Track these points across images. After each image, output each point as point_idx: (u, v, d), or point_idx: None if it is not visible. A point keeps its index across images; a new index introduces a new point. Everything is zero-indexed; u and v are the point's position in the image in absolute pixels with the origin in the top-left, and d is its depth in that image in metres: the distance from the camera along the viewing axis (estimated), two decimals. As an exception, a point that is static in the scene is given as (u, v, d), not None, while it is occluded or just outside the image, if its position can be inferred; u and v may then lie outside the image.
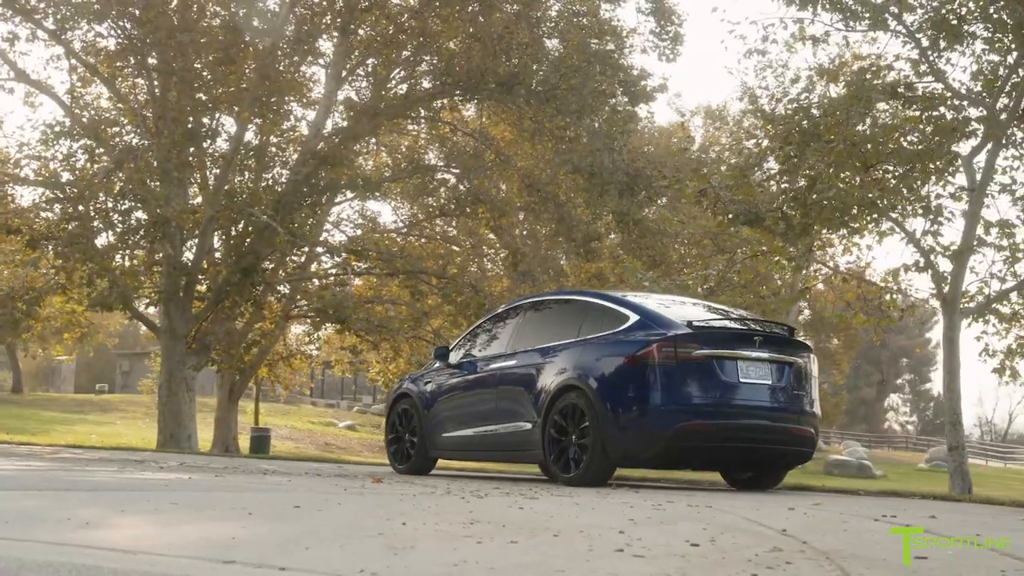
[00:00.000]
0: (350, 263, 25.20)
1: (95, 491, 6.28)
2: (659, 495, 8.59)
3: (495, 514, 5.56)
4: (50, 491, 6.10)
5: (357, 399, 60.97)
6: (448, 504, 6.19)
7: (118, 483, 7.21)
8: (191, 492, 6.53)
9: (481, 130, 27.29)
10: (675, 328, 10.11)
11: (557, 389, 10.61)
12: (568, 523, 5.20)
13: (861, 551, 4.44)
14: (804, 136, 14.14)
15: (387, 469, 14.40)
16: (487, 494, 7.43)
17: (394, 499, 6.52)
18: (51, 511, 4.91)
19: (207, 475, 9.10)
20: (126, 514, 4.86)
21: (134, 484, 7.16)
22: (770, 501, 8.10)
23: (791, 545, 4.47)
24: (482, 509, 5.90)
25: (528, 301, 12.48)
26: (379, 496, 6.85)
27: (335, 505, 5.84)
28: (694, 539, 4.60)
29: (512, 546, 4.19)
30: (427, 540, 4.24)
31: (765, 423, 10.27)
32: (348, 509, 5.61)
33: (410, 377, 13.59)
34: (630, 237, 23.57)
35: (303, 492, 7.02)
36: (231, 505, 5.54)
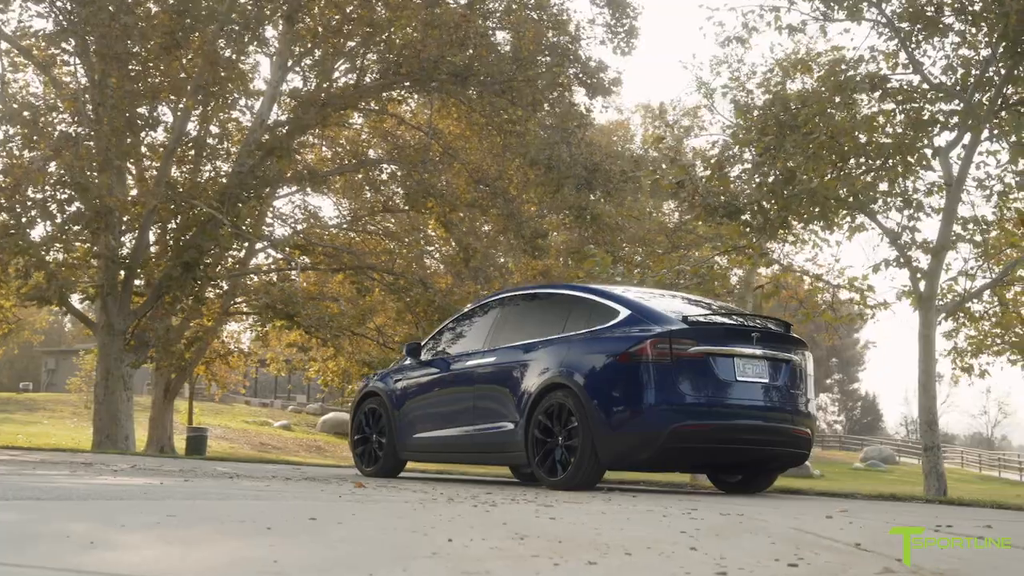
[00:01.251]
0: (295, 257, 24.45)
1: (73, 500, 5.61)
2: (660, 500, 8.08)
3: (533, 526, 5.00)
4: (20, 500, 5.43)
5: (291, 398, 59.94)
6: (471, 514, 5.61)
7: (90, 490, 6.52)
8: (178, 501, 5.88)
9: (429, 123, 26.65)
10: (669, 324, 9.61)
11: (542, 388, 10.07)
12: (623, 537, 4.64)
13: (978, 572, 3.94)
14: (781, 127, 13.72)
15: (348, 471, 13.76)
16: (496, 502, 6.84)
17: (405, 508, 5.93)
18: (38, 526, 4.26)
19: (173, 480, 8.43)
20: (128, 529, 4.23)
21: (109, 491, 6.48)
22: (792, 507, 7.62)
23: (897, 567, 3.96)
24: (514, 520, 5.33)
25: (506, 295, 11.89)
26: (385, 504, 6.25)
27: (350, 516, 5.24)
28: (778, 556, 4.08)
29: (595, 569, 3.63)
30: (494, 562, 3.67)
31: (762, 423, 9.81)
32: (371, 522, 5.01)
33: (378, 375, 12.95)
34: (586, 233, 23.03)
35: (294, 500, 6.40)
36: (236, 517, 4.91)
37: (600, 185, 21.91)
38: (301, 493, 7.29)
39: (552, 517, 5.58)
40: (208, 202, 20.92)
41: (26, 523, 4.40)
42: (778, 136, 13.57)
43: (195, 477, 9.16)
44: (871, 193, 13.59)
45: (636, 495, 9.04)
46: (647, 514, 6.14)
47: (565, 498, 7.71)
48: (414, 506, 6.13)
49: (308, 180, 24.39)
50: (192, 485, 7.73)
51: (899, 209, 14.17)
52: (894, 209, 14.27)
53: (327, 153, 30.64)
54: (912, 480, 51.21)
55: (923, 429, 14.50)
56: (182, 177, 24.86)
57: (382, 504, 6.29)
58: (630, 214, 24.83)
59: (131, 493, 6.44)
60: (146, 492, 6.50)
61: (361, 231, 31.33)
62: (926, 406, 14.34)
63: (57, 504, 5.32)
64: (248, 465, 15.05)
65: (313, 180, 24.27)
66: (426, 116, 28.12)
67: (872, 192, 13.60)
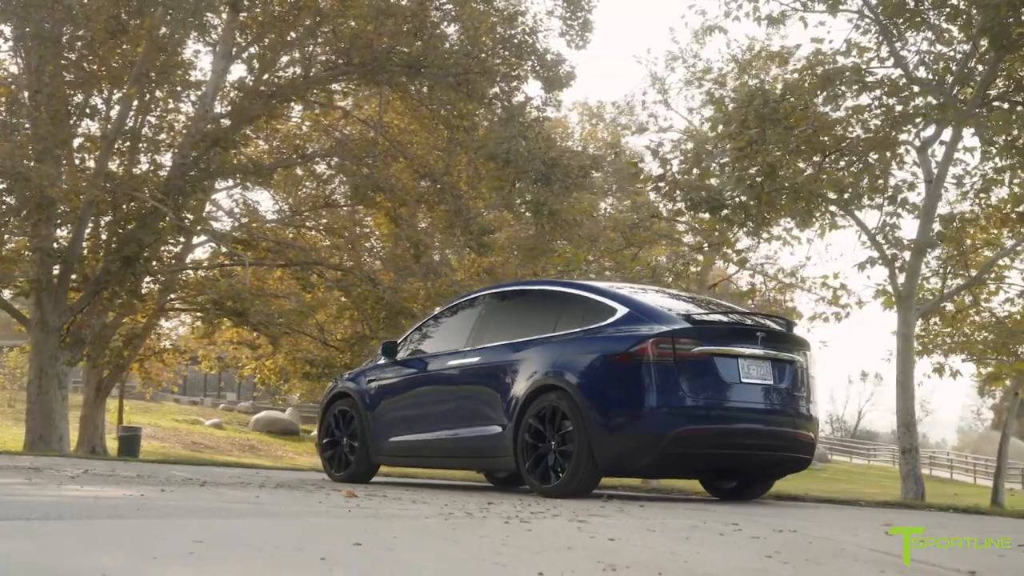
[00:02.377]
0: (238, 252, 23.64)
1: (68, 520, 4.97)
2: (680, 510, 7.60)
3: (605, 551, 4.48)
4: (7, 521, 4.78)
5: (221, 396, 58.74)
6: (519, 535, 5.06)
7: (73, 505, 5.85)
8: (187, 520, 5.27)
9: (378, 116, 25.97)
10: (671, 322, 9.13)
11: (533, 389, 9.53)
12: (716, 565, 4.14)
13: None
14: (762, 120, 13.32)
15: (313, 476, 13.12)
16: (521, 516, 6.30)
17: (441, 528, 5.36)
18: (62, 560, 3.66)
19: (149, 489, 7.76)
20: (165, 563, 3.64)
21: (98, 508, 5.83)
22: (831, 518, 7.18)
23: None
24: (571, 541, 4.81)
25: (489, 292, 11.33)
26: (411, 522, 5.68)
27: (392, 540, 4.68)
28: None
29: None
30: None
31: (766, 428, 9.37)
32: (430, 551, 4.44)
33: (349, 375, 12.32)
34: (543, 229, 22.51)
35: (309, 518, 5.82)
36: (272, 542, 4.33)
37: (558, 180, 21.42)
38: (303, 506, 6.70)
39: (610, 538, 5.05)
40: (152, 194, 20.08)
41: (41, 555, 3.78)
42: (760, 130, 13.16)
43: (169, 486, 8.49)
44: (858, 189, 13.22)
45: (643, 504, 8.54)
46: (699, 531, 5.64)
47: (587, 509, 7.18)
48: (444, 524, 5.57)
49: (252, 173, 23.57)
50: (178, 497, 7.10)
51: (879, 207, 13.84)
52: (875, 208, 13.93)
53: (264, 147, 29.80)
54: (848, 479, 51.51)
55: (901, 431, 14.20)
56: (118, 169, 23.95)
57: (406, 521, 5.72)
58: (588, 210, 24.37)
59: (122, 509, 5.79)
60: (139, 507, 5.86)
61: (300, 226, 30.56)
62: (904, 407, 14.04)
63: (56, 526, 4.68)
64: (202, 469, 14.33)
65: (258, 173, 23.47)
66: (372, 109, 27.43)
67: (859, 188, 13.24)
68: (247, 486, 9.21)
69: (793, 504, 9.93)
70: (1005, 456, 23.17)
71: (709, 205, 12.98)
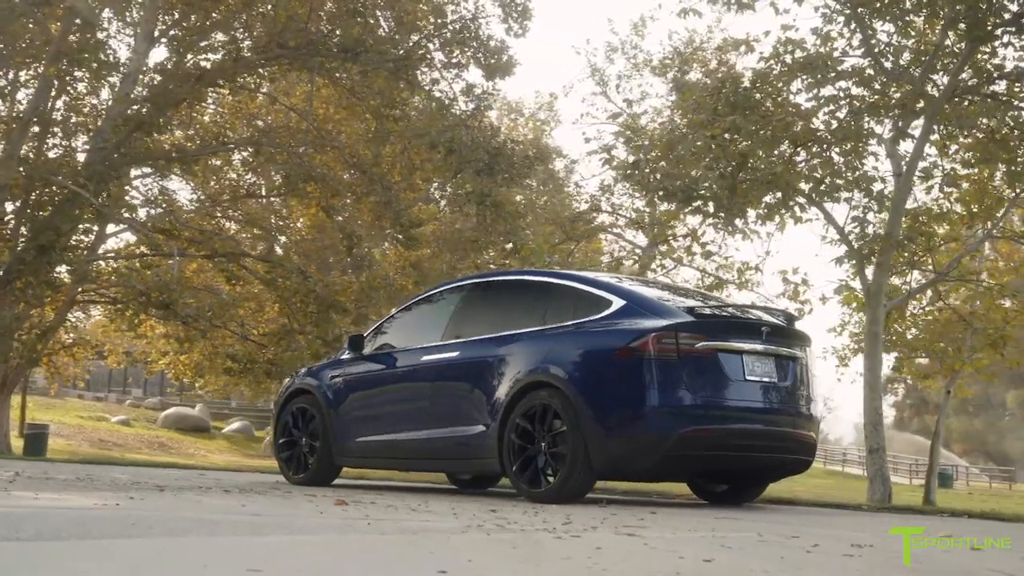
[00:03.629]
0: (159, 242, 22.55)
1: (75, 540, 4.21)
2: (689, 518, 7.03)
3: (670, 568, 3.88)
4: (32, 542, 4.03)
5: (127, 392, 57.00)
6: (601, 557, 4.43)
7: (63, 520, 5.08)
8: (207, 539, 4.54)
9: (304, 104, 25.04)
10: (673, 315, 8.56)
11: (521, 386, 8.88)
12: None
13: None
14: (733, 108, 12.83)
15: (265, 478, 12.33)
16: (579, 531, 5.66)
17: (501, 547, 4.71)
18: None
19: (108, 496, 6.97)
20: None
21: (91, 522, 5.05)
22: (866, 525, 6.66)
23: None
24: (680, 567, 4.19)
25: (467, 282, 10.61)
26: (457, 538, 5.00)
27: (466, 563, 4.02)
28: None
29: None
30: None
31: (770, 428, 8.85)
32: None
33: (309, 370, 11.54)
34: (484, 220, 21.80)
35: (332, 533, 5.12)
36: (342, 567, 3.64)
37: (503, 170, 20.77)
38: (308, 519, 5.99)
39: (706, 559, 4.44)
40: (74, 178, 18.99)
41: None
42: (734, 119, 12.65)
43: (129, 492, 7.69)
44: (836, 180, 12.79)
45: (655, 511, 7.95)
46: (773, 545, 5.05)
47: (612, 518, 6.57)
48: (490, 540, 4.92)
49: (176, 160, 22.53)
50: (156, 507, 6.33)
51: (847, 201, 13.43)
52: (846, 202, 13.52)
53: (181, 135, 28.64)
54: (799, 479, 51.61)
55: (868, 430, 13.83)
56: (30, 153, 22.75)
57: (450, 538, 5.05)
58: (532, 201, 23.76)
59: (117, 525, 5.02)
60: (133, 523, 5.09)
61: (221, 217, 29.46)
62: (872, 406, 13.66)
63: (66, 549, 3.94)
64: (140, 471, 13.44)
65: (182, 160, 22.43)
66: (299, 97, 26.49)
67: (836, 179, 12.79)
68: (209, 491, 8.45)
69: (803, 510, 9.47)
70: (937, 454, 23.06)
71: (684, 195, 12.45)
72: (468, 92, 21.71)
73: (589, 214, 20.31)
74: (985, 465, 75.24)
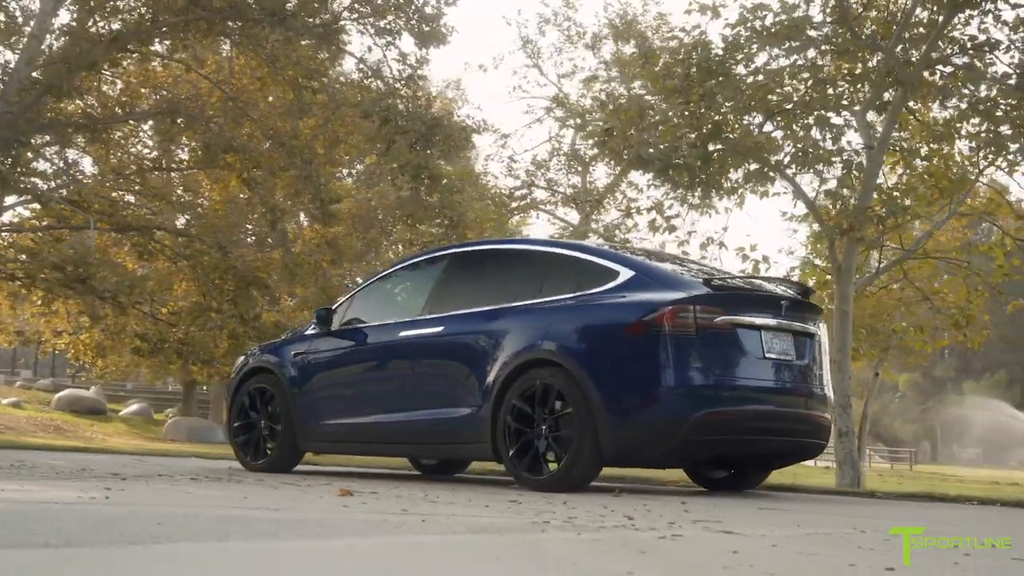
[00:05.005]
0: (66, 213, 21.22)
1: (130, 546, 3.39)
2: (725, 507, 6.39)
3: None
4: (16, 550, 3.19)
5: (15, 373, 54.69)
6: (732, 558, 3.72)
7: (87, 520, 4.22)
8: (250, 544, 3.74)
9: (220, 72, 23.84)
10: (689, 287, 7.88)
11: (518, 365, 8.12)
12: None
13: None
14: (708, 74, 12.20)
15: (219, 464, 11.37)
16: (664, 530, 4.96)
17: (609, 550, 3.98)
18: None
19: (90, 486, 6.08)
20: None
21: (121, 519, 4.20)
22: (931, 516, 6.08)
23: None
24: (805, 567, 3.51)
25: (450, 252, 9.77)
26: (546, 540, 4.26)
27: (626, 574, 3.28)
28: None
29: None
30: None
31: (789, 411, 8.25)
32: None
33: (267, 347, 10.63)
34: (418, 194, 20.87)
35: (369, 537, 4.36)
36: None
37: (440, 143, 19.89)
38: (327, 513, 5.21)
39: (857, 564, 3.77)
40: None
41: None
42: (711, 86, 12.00)
43: (98, 480, 6.78)
44: (818, 151, 12.22)
45: (684, 501, 7.28)
46: (842, 541, 4.40)
47: (676, 513, 5.87)
48: (597, 540, 4.19)
49: (86, 128, 21.20)
50: (158, 501, 5.48)
51: (818, 173, 12.90)
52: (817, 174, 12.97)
53: (85, 103, 27.14)
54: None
55: (837, 412, 13.34)
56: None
57: (537, 538, 4.30)
58: (470, 175, 22.92)
59: (137, 525, 4.18)
60: (159, 522, 4.25)
61: (126, 191, 28.05)
62: (841, 387, 13.18)
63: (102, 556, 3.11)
64: (71, 456, 12.39)
65: (93, 129, 21.11)
66: (212, 66, 25.26)
67: (816, 150, 12.22)
68: (177, 480, 7.59)
69: (819, 498, 8.88)
70: (865, 436, 22.90)
71: (662, 164, 11.78)
72: (403, 60, 20.75)
73: (526, 188, 19.58)
74: (874, 446, 76.48)
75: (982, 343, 15.86)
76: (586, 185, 25.19)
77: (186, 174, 29.83)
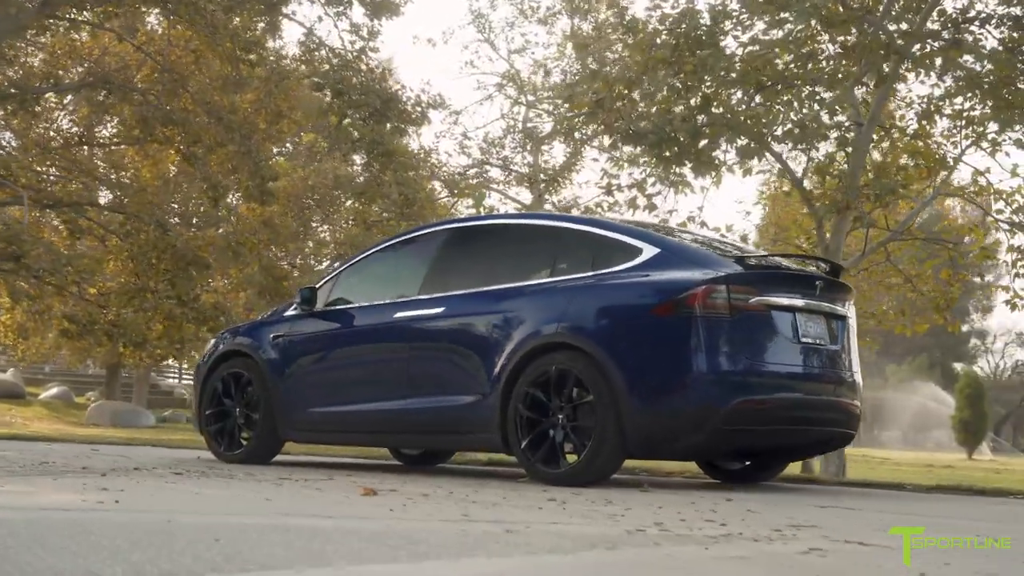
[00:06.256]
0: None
1: None
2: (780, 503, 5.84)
3: None
4: None
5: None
6: None
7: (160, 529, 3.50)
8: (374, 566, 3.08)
9: (166, 39, 22.74)
10: (720, 265, 7.29)
11: (531, 348, 7.47)
12: None
13: None
14: (698, 44, 11.62)
15: (188, 454, 10.54)
16: (770, 536, 4.36)
17: (754, 568, 3.37)
18: None
19: (75, 483, 5.34)
20: None
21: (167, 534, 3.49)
22: None
23: None
24: None
25: (450, 226, 9.05)
26: (686, 558, 3.64)
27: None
28: None
29: None
30: None
31: (823, 399, 7.70)
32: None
33: (241, 329, 9.86)
34: (372, 171, 20.01)
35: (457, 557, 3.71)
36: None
37: (395, 117, 19.10)
38: (387, 520, 4.53)
39: None
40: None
41: None
42: (705, 57, 11.41)
43: (74, 477, 6.02)
44: (813, 125, 11.69)
45: (729, 495, 6.70)
46: None
47: (759, 516, 5.28)
48: (745, 560, 3.58)
49: (13, 98, 20.07)
50: (163, 504, 4.77)
51: (806, 151, 12.40)
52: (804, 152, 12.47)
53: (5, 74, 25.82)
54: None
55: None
56: None
57: (667, 555, 3.69)
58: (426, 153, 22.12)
59: (202, 550, 3.49)
60: (217, 538, 3.55)
61: (50, 165, 26.80)
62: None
63: None
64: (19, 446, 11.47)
65: (22, 100, 19.99)
66: (143, 37, 24.11)
67: (813, 124, 11.69)
68: (163, 475, 6.84)
69: (845, 490, 8.37)
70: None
71: (656, 137, 11.17)
72: (355, 31, 19.89)
73: (479, 167, 18.91)
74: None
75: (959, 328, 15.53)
76: (539, 163, 24.59)
77: (112, 149, 28.64)
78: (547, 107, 24.83)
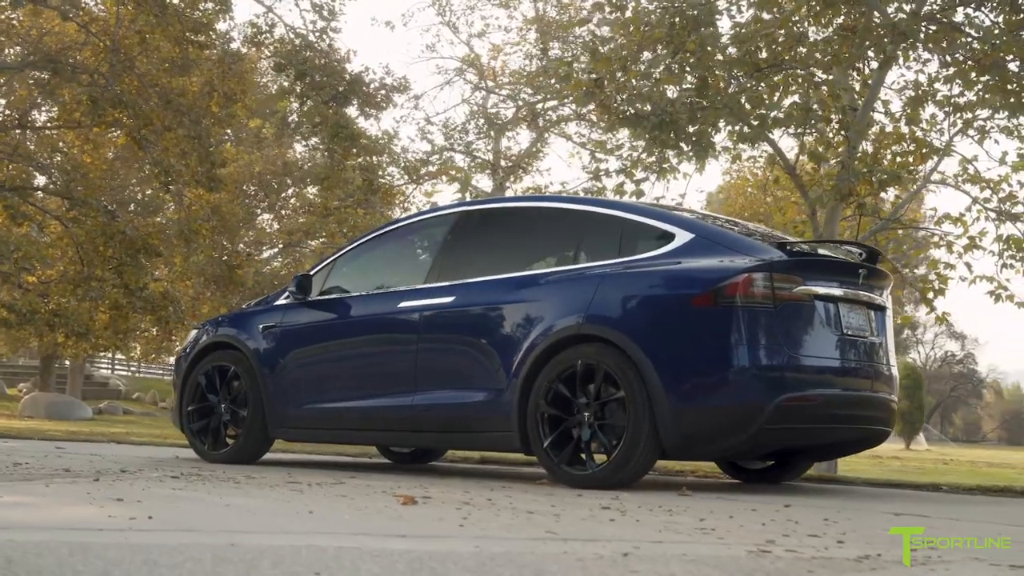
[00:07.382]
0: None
1: None
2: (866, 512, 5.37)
3: None
4: None
5: None
6: None
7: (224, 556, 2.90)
8: None
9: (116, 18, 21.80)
10: (762, 252, 6.78)
11: (554, 341, 6.91)
12: None
13: None
14: (696, 24, 11.12)
15: (165, 453, 9.84)
16: (875, 561, 3.86)
17: None
18: None
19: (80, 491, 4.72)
20: None
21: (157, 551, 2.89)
22: None
23: None
24: None
25: (459, 210, 8.44)
26: None
27: None
28: None
29: None
30: None
31: (867, 394, 7.23)
32: None
33: (226, 319, 9.17)
34: (335, 156, 19.26)
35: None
36: None
37: (360, 101, 18.40)
38: (470, 541, 3.97)
39: None
40: None
41: None
42: (709, 33, 10.91)
43: (63, 483, 5.38)
44: (816, 108, 11.23)
45: (787, 502, 6.20)
46: None
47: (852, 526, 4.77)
48: None
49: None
50: (199, 522, 4.16)
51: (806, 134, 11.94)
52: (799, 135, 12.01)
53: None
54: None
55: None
56: None
57: None
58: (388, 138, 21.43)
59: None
60: (310, 560, 2.97)
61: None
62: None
63: None
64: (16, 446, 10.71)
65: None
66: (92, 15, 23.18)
67: (812, 108, 11.22)
68: (159, 481, 6.21)
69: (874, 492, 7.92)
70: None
71: (658, 119, 10.64)
72: (318, 10, 19.14)
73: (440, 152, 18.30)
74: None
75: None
76: (499, 150, 24.02)
77: (47, 133, 27.59)
78: (507, 92, 24.34)
